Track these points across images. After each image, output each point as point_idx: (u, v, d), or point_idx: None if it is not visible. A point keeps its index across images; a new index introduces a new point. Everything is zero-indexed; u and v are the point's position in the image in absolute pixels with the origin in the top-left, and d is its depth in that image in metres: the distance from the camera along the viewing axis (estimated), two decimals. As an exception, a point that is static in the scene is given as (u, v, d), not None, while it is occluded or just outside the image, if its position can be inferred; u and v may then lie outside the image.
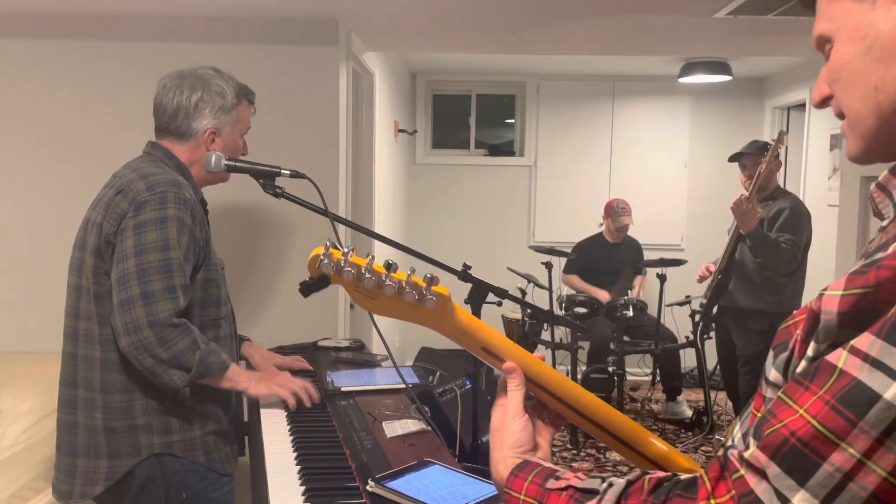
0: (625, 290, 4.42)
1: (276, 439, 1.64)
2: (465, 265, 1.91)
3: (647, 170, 5.42)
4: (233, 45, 2.74)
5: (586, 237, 4.92)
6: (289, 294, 2.80)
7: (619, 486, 0.70)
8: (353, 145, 3.25)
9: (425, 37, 3.35)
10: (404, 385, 1.91)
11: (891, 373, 0.55)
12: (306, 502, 1.33)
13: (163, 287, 1.61)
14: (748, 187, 3.48)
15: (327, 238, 1.80)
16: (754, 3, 2.55)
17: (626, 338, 4.32)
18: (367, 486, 1.34)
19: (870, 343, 0.56)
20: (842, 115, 0.73)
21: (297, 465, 1.50)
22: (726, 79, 4.78)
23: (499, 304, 1.95)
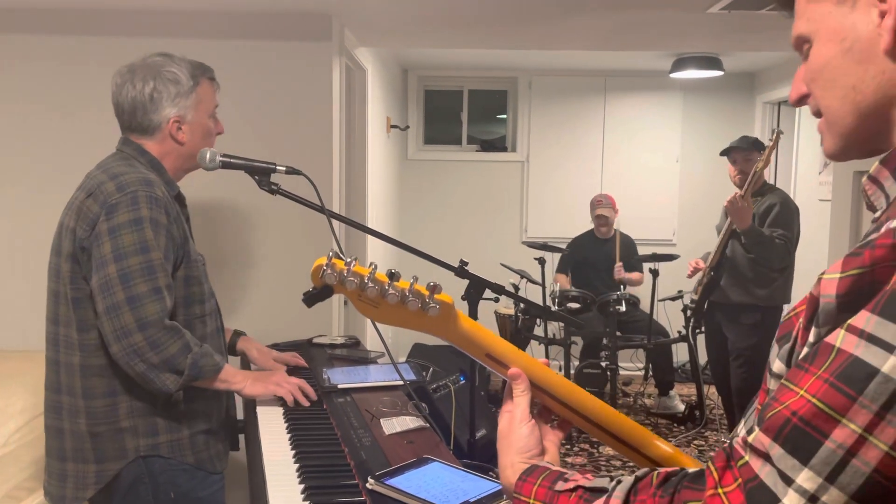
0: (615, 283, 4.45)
1: (273, 437, 1.63)
2: (461, 261, 1.91)
3: (638, 165, 5.43)
4: (225, 40, 2.72)
5: (578, 234, 4.93)
6: (283, 291, 2.79)
7: (627, 482, 0.70)
8: (346, 141, 3.24)
9: (418, 32, 3.34)
10: (402, 382, 1.91)
11: (887, 346, 0.55)
12: (305, 500, 1.32)
13: (148, 289, 1.59)
14: (738, 182, 3.50)
15: (335, 238, 1.80)
16: (748, -2, 2.56)
17: (618, 333, 4.33)
18: (367, 484, 1.33)
19: (865, 319, 0.57)
20: (819, 113, 0.74)
21: (295, 462, 1.49)
22: (717, 74, 4.79)
23: (496, 300, 1.95)
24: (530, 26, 3.10)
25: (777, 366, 0.69)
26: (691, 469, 0.68)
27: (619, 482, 0.71)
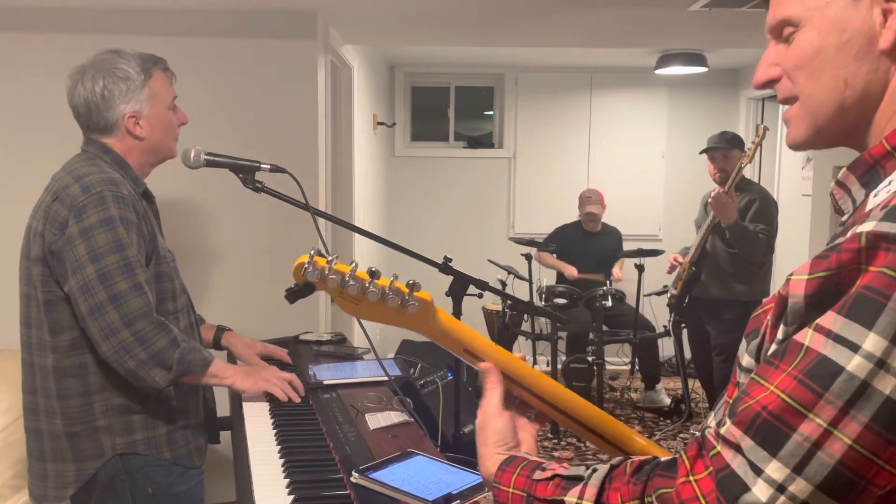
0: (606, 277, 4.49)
1: (259, 433, 1.64)
2: (445, 258, 1.93)
3: (624, 161, 5.47)
4: (210, 38, 2.72)
5: (563, 224, 4.95)
6: (269, 289, 2.80)
7: (602, 471, 0.72)
8: (332, 139, 3.25)
9: (403, 29, 3.35)
10: (387, 377, 1.92)
11: (852, 346, 0.58)
12: (290, 494, 1.34)
13: (129, 286, 1.59)
14: (718, 180, 3.54)
15: (319, 235, 1.81)
16: (728, -4, 2.59)
17: (604, 328, 4.36)
18: (351, 478, 1.35)
19: (832, 320, 0.60)
20: (789, 101, 0.75)
21: (280, 457, 1.50)
22: (702, 70, 4.83)
23: (479, 296, 1.97)
24: (516, 23, 3.12)
25: (746, 360, 0.71)
26: (664, 458, 0.70)
27: (595, 470, 0.73)
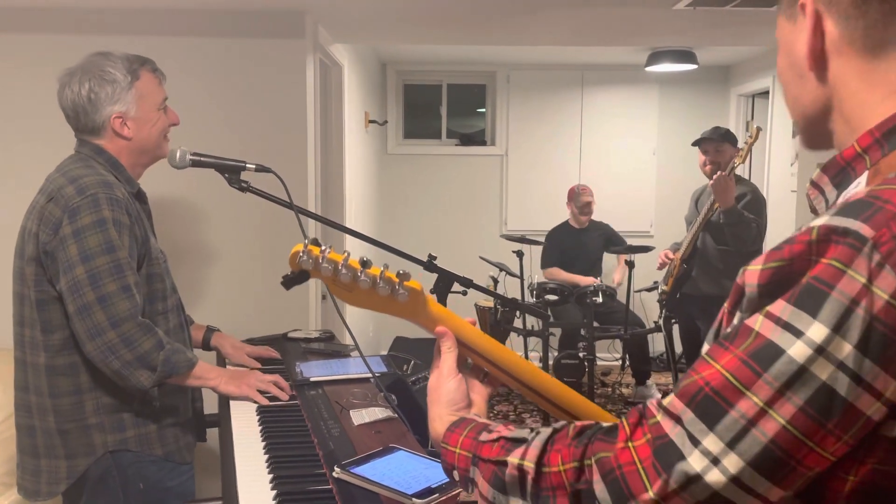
0: (597, 273, 4.52)
1: (245, 430, 1.67)
2: (430, 256, 1.95)
3: (616, 158, 5.49)
4: (198, 38, 2.74)
5: (553, 226, 4.98)
6: (260, 287, 2.82)
7: (545, 433, 0.75)
8: (322, 137, 3.27)
9: (393, 28, 3.37)
10: (371, 374, 1.95)
11: (797, 332, 0.61)
12: (273, 489, 1.36)
13: (117, 288, 1.62)
14: (708, 172, 3.59)
15: (304, 234, 1.83)
16: (712, -5, 2.61)
17: (595, 324, 4.39)
18: (333, 473, 1.38)
19: (782, 308, 0.62)
20: None
21: (265, 454, 1.53)
22: (692, 67, 4.86)
23: (464, 293, 1.99)
24: (506, 22, 3.13)
25: (705, 347, 0.74)
26: (606, 424, 0.73)
27: (538, 433, 0.76)
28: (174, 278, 1.90)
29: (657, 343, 4.86)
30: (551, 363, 4.40)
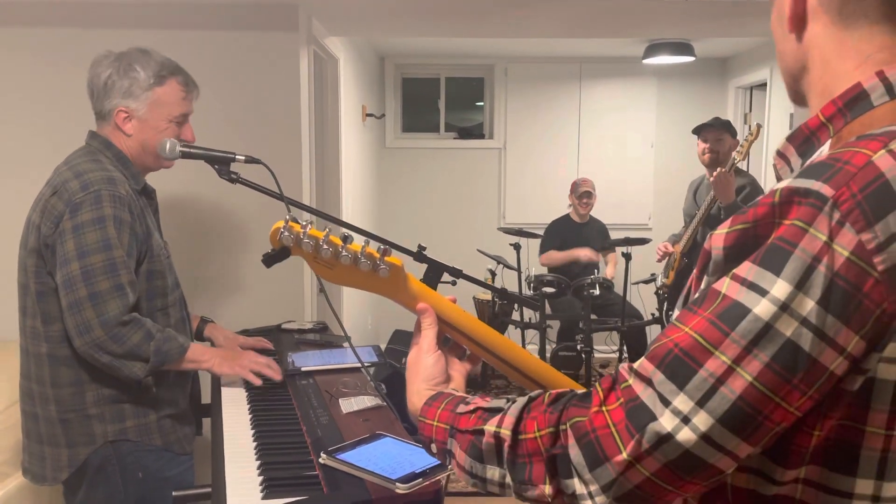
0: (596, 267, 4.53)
1: (235, 418, 1.69)
2: (420, 246, 1.96)
3: (614, 150, 5.49)
4: (191, 31, 2.75)
5: (555, 218, 4.99)
6: (255, 279, 2.84)
7: (521, 401, 0.76)
8: (317, 131, 3.28)
9: (388, 21, 3.37)
10: (368, 364, 1.97)
11: (762, 292, 0.62)
12: (261, 475, 1.38)
13: (110, 286, 1.64)
14: (706, 161, 3.60)
15: (287, 213, 1.84)
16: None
17: (593, 316, 4.40)
18: (320, 459, 1.39)
19: (748, 269, 0.64)
20: None
21: (254, 441, 1.55)
22: (689, 60, 4.85)
23: (453, 283, 2.01)
24: (503, 14, 3.14)
25: (676, 314, 0.76)
26: (580, 391, 0.74)
27: (514, 401, 0.77)
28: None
29: (654, 335, 4.86)
30: (549, 355, 4.42)
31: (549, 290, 4.44)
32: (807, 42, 0.76)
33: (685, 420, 0.63)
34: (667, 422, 0.64)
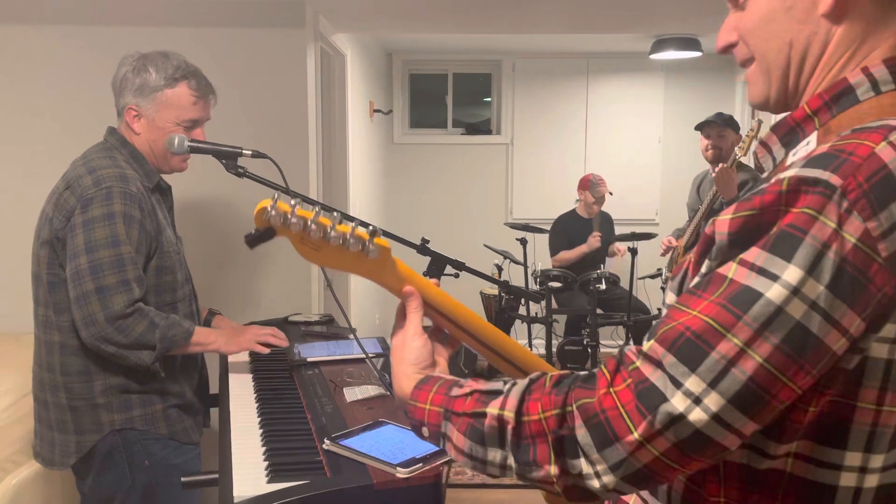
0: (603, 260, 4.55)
1: (242, 406, 1.73)
2: (423, 239, 2.00)
3: (621, 146, 5.50)
4: (198, 28, 2.79)
5: (561, 214, 5.00)
6: (263, 274, 2.88)
7: (522, 384, 0.76)
8: (324, 127, 3.31)
9: (395, 17, 3.40)
10: (372, 355, 2.00)
11: (772, 277, 0.65)
12: (266, 460, 1.42)
13: (116, 281, 1.68)
14: (710, 157, 3.61)
15: (275, 192, 1.88)
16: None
17: (599, 310, 4.42)
18: (323, 445, 1.43)
19: (756, 255, 0.66)
20: (748, 62, 0.83)
21: (260, 428, 1.58)
22: (697, 55, 4.85)
23: (456, 275, 2.04)
24: (511, 9, 3.15)
25: (670, 297, 0.78)
26: (582, 373, 0.75)
27: (514, 384, 0.77)
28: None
29: (661, 330, 4.87)
30: (555, 349, 4.44)
31: (556, 284, 4.46)
32: (844, 26, 0.75)
33: (697, 401, 0.65)
34: (679, 403, 0.65)
